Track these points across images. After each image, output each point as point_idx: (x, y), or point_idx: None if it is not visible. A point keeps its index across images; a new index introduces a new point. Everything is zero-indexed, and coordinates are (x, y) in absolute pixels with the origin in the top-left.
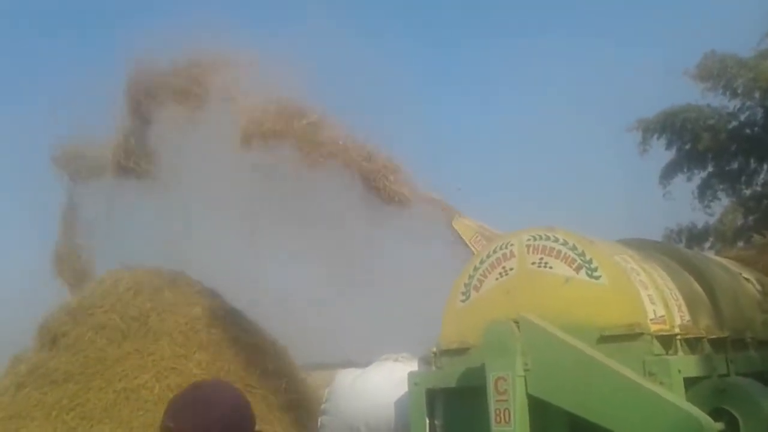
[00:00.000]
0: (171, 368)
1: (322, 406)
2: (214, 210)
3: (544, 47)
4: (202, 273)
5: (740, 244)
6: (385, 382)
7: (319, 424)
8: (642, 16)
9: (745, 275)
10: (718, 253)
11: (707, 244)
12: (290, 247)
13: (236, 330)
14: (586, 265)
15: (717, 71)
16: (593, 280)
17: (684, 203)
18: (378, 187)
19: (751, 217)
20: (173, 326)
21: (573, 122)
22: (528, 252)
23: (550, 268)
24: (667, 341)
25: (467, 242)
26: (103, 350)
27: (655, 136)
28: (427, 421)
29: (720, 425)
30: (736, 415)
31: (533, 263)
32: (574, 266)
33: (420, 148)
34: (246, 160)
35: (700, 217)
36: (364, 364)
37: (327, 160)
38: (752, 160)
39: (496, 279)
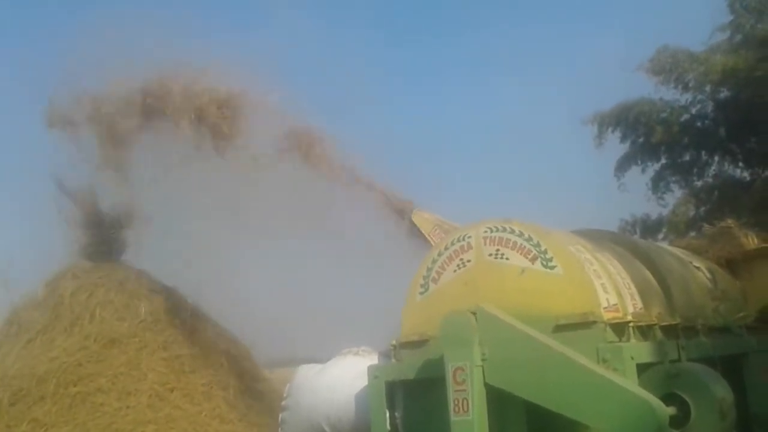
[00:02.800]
0: (127, 373)
1: (283, 402)
2: (171, 207)
3: (502, 41)
4: (161, 272)
5: (692, 234)
6: (345, 376)
7: (280, 420)
8: (598, 11)
9: (696, 264)
10: (670, 243)
11: (660, 235)
12: (251, 244)
13: (194, 330)
14: (542, 255)
15: (669, 65)
16: (548, 270)
17: (638, 195)
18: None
19: (702, 208)
20: (127, 329)
21: (532, 116)
22: (485, 244)
23: (507, 259)
24: (619, 329)
25: (426, 235)
26: (56, 358)
27: (610, 129)
28: (388, 413)
29: (671, 409)
30: (687, 399)
31: (490, 255)
32: (529, 257)
33: (379, 143)
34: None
35: (653, 209)
36: (326, 359)
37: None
38: (703, 153)
39: (454, 271)
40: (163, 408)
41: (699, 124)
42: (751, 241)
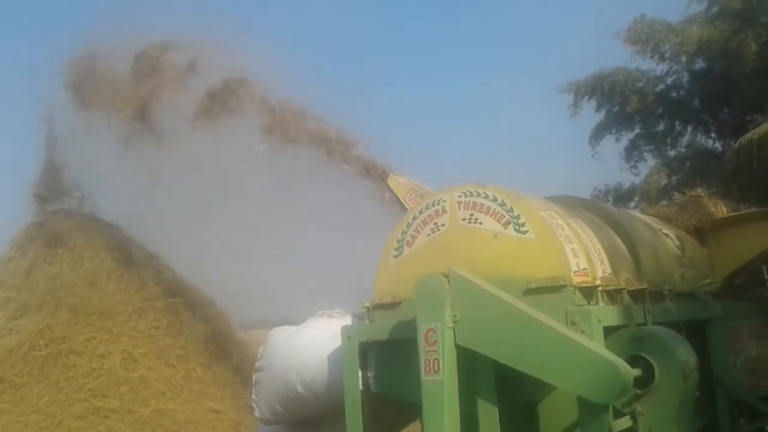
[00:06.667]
0: (99, 337)
1: (257, 363)
2: (148, 165)
3: (478, 10)
4: (139, 235)
5: (663, 202)
6: (318, 337)
7: (253, 380)
8: None
9: (665, 231)
10: (641, 211)
11: (632, 203)
12: (225, 207)
13: (171, 296)
14: (514, 220)
15: (646, 35)
16: (520, 235)
17: (612, 164)
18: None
19: (674, 177)
20: (100, 298)
21: (508, 84)
22: (459, 208)
23: (480, 223)
24: (588, 292)
25: (401, 199)
26: (25, 327)
27: (586, 98)
28: (360, 373)
29: (636, 371)
30: (652, 361)
31: (464, 219)
32: (502, 222)
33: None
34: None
35: (626, 177)
36: (300, 321)
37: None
38: (677, 123)
39: (428, 235)
40: (137, 369)
41: (674, 94)
42: (720, 210)
